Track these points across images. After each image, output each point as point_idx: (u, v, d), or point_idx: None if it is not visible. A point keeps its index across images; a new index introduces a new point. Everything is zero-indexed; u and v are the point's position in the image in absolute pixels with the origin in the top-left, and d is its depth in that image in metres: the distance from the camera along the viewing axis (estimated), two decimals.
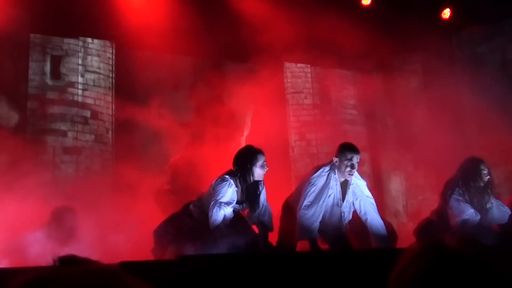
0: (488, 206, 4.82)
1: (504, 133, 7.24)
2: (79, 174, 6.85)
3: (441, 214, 4.96)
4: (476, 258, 0.92)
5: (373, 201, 4.66)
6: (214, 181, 4.42)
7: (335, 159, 4.52)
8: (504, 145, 7.35)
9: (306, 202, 4.42)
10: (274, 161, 6.21)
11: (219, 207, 4.26)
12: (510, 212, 4.84)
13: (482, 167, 4.84)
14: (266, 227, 4.57)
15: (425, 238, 4.76)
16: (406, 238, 5.12)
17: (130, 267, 2.61)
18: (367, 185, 4.77)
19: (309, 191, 4.45)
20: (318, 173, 4.51)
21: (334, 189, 4.53)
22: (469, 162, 4.91)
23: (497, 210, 4.83)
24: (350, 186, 4.60)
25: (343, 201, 4.58)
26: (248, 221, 4.61)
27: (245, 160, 4.47)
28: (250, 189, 4.51)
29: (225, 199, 4.30)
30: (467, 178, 4.83)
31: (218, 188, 4.32)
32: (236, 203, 4.43)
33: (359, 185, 4.65)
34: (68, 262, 0.83)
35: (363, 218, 4.59)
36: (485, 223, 4.83)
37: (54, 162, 6.83)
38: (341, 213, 4.58)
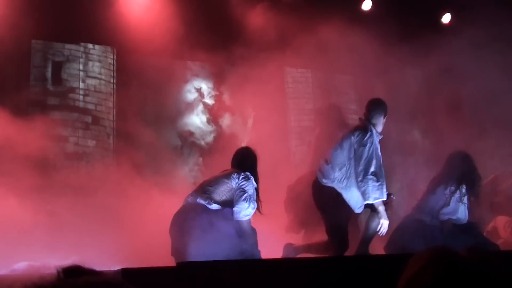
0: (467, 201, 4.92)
1: (504, 138, 7.23)
2: (80, 180, 6.84)
3: (423, 208, 5.02)
4: (486, 268, 0.92)
5: None
6: (236, 176, 4.28)
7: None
8: (504, 150, 7.35)
9: (369, 166, 4.56)
10: (275, 166, 6.22)
11: (254, 204, 4.25)
12: None
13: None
14: None
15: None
16: None
17: (130, 274, 2.60)
18: None
19: (369, 156, 4.56)
20: (367, 135, 4.60)
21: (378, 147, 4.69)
22: (470, 162, 4.95)
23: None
24: None
25: None
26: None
27: (253, 163, 4.46)
28: None
29: (253, 197, 4.28)
30: (471, 180, 4.85)
31: (245, 185, 4.24)
32: None
33: None
34: (71, 273, 0.82)
35: None
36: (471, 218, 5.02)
37: (55, 168, 6.81)
38: None
